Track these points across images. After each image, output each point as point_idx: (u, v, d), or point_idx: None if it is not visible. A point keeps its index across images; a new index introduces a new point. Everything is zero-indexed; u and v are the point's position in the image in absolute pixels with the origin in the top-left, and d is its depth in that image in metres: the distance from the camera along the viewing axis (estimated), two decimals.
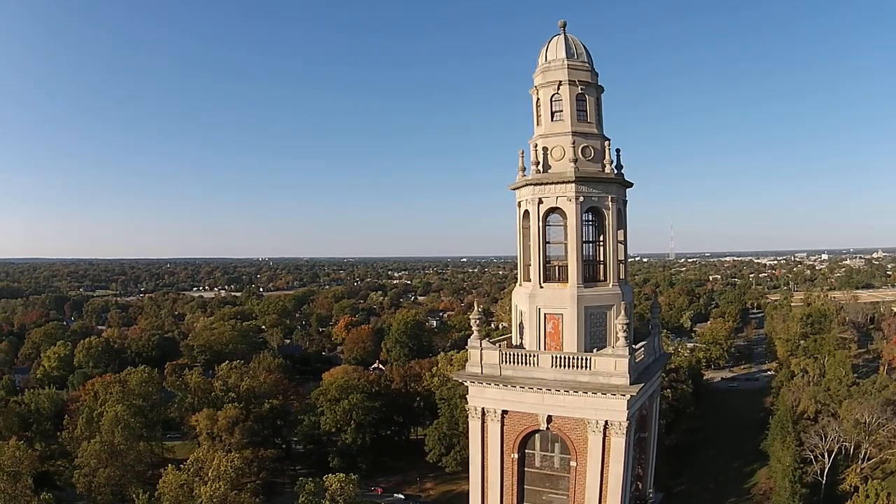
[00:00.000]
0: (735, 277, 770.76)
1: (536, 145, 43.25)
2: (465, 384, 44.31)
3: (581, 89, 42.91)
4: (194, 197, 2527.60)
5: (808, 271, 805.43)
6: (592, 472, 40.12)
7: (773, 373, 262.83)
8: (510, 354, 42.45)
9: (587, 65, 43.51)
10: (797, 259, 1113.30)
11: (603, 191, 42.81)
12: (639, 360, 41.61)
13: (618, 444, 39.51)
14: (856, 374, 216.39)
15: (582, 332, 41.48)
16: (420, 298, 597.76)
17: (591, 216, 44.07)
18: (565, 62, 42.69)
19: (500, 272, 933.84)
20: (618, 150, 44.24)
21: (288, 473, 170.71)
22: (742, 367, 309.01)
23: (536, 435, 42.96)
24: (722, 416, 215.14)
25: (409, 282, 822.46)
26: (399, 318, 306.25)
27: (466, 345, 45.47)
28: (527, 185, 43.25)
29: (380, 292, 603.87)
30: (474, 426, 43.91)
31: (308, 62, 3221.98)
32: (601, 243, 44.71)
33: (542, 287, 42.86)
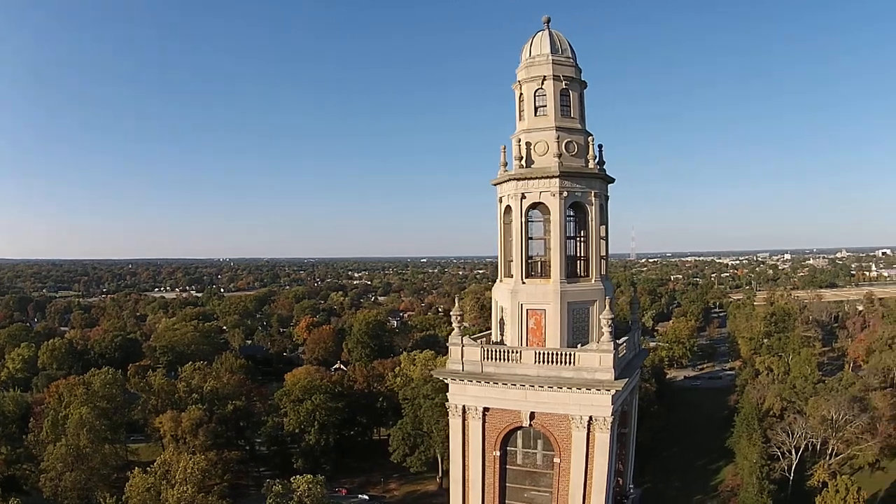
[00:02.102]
0: (697, 277, 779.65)
1: (520, 140, 42.94)
2: (446, 381, 43.76)
3: (565, 85, 42.76)
4: (156, 197, 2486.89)
5: (771, 271, 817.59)
6: (577, 468, 39.95)
7: (736, 371, 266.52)
8: (492, 351, 42.06)
9: (571, 60, 43.42)
10: (760, 259, 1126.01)
11: (586, 186, 42.77)
12: (621, 355, 41.50)
13: (602, 439, 39.40)
14: (821, 372, 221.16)
15: (565, 328, 41.34)
16: (380, 299, 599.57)
17: (572, 211, 43.84)
18: (550, 57, 42.53)
19: (460, 272, 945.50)
20: (600, 146, 44.24)
21: (252, 475, 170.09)
22: (705, 365, 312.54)
23: (518, 432, 42.68)
24: (686, 415, 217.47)
25: (369, 282, 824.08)
26: (360, 319, 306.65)
27: (427, 345, 44.96)
28: (510, 179, 42.93)
29: (340, 293, 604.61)
30: (455, 424, 43.49)
31: (271, 61, 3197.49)
32: (583, 239, 44.47)
33: (524, 283, 42.56)
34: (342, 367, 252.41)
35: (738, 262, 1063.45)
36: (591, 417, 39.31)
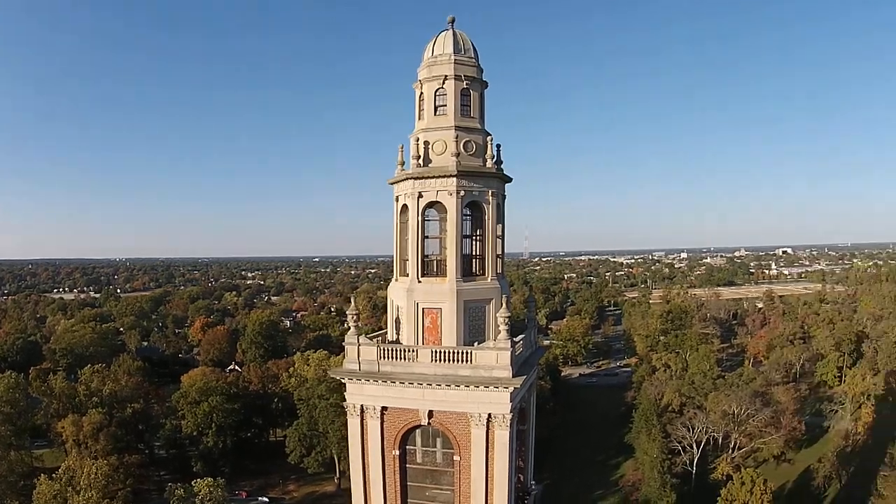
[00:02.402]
0: (591, 276, 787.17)
1: (418, 139, 42.73)
2: (343, 381, 43.29)
3: (466, 84, 42.86)
4: (54, 196, 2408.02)
5: (667, 269, 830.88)
6: (477, 465, 40.16)
7: (632, 368, 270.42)
8: (389, 350, 41.80)
9: (473, 60, 43.52)
10: (655, 258, 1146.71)
11: (484, 185, 42.87)
12: (518, 352, 41.82)
13: (502, 436, 39.66)
14: (720, 368, 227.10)
15: (461, 327, 41.44)
16: (273, 299, 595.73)
17: (468, 210, 43.92)
18: (452, 57, 42.52)
19: (353, 272, 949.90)
20: (498, 146, 44.36)
21: (154, 479, 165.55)
22: (601, 363, 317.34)
23: (417, 430, 42.54)
24: (583, 412, 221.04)
25: (262, 282, 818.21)
26: (254, 319, 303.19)
27: (320, 345, 44.56)
28: (407, 178, 42.71)
29: (234, 293, 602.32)
30: (353, 424, 42.98)
31: (167, 60, 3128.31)
32: (479, 238, 44.63)
33: (420, 282, 42.45)
34: (237, 367, 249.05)
35: (633, 260, 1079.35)
36: (489, 415, 39.50)
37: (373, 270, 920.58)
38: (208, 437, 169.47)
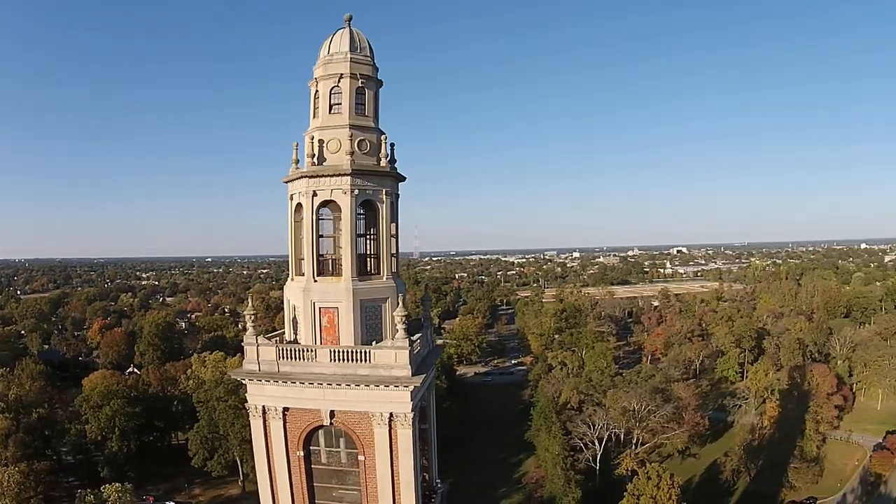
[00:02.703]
0: (482, 275, 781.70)
1: (313, 137, 42.48)
2: (243, 382, 42.75)
3: (361, 83, 42.86)
4: None
5: (559, 269, 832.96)
6: (382, 465, 40.42)
7: (528, 367, 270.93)
8: (288, 350, 41.50)
9: (369, 59, 43.58)
10: (547, 257, 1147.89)
11: (378, 184, 42.96)
12: (416, 351, 42.14)
13: (405, 435, 40.02)
14: (618, 366, 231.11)
15: (358, 326, 41.52)
16: (168, 300, 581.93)
17: (363, 209, 44.10)
18: (348, 55, 42.45)
19: (245, 272, 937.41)
20: (392, 145, 44.46)
21: (63, 486, 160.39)
22: (496, 361, 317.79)
23: (320, 431, 42.42)
24: (481, 410, 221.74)
25: (157, 282, 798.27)
26: (150, 320, 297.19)
27: (216, 346, 43.97)
28: (301, 177, 42.36)
29: (130, 294, 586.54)
30: (256, 425, 42.46)
31: (83, 60, 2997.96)
32: (374, 237, 44.85)
33: (315, 281, 42.23)
34: (136, 370, 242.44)
35: (524, 260, 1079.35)
36: (391, 414, 39.79)
37: (265, 271, 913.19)
38: (112, 441, 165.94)
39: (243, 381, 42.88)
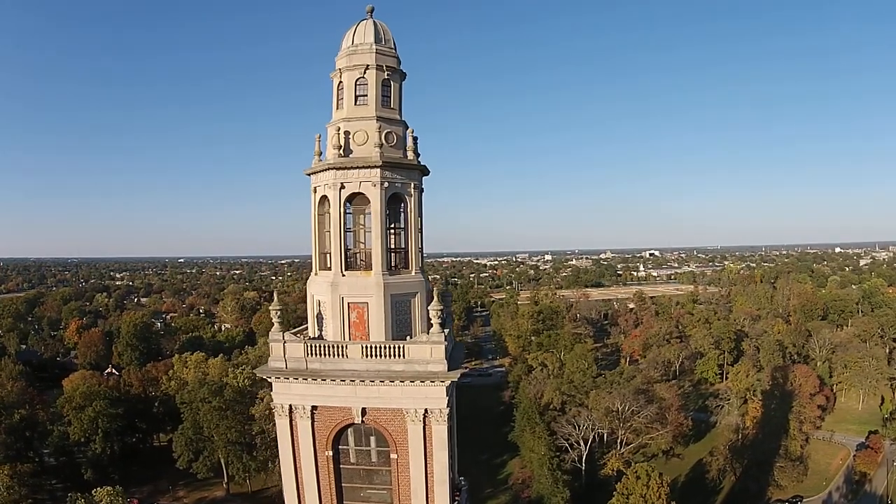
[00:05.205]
0: (455, 277, 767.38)
1: (339, 129, 41.48)
2: (269, 380, 41.52)
3: (387, 75, 42.05)
4: None
5: (532, 271, 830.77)
6: (416, 462, 39.54)
7: (507, 368, 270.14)
8: (317, 346, 40.34)
9: (394, 51, 42.79)
10: (519, 260, 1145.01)
11: (406, 177, 42.21)
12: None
13: (440, 431, 39.25)
14: (596, 367, 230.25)
15: (389, 321, 40.57)
16: (143, 300, 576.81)
17: (387, 203, 43.14)
18: (373, 46, 41.60)
19: (218, 273, 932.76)
20: (415, 138, 43.66)
21: (46, 489, 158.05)
22: (473, 363, 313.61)
23: (349, 429, 41.40)
24: (459, 411, 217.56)
25: (131, 283, 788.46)
26: (127, 321, 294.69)
27: (193, 347, 42.76)
28: (328, 169, 41.29)
29: (105, 294, 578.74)
30: (282, 424, 41.25)
31: (64, 52, 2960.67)
32: (401, 230, 44.02)
33: (344, 275, 41.22)
34: (115, 370, 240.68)
35: (496, 262, 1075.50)
36: (426, 410, 38.99)
37: (237, 272, 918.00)
38: (96, 443, 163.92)
39: (268, 379, 41.69)
